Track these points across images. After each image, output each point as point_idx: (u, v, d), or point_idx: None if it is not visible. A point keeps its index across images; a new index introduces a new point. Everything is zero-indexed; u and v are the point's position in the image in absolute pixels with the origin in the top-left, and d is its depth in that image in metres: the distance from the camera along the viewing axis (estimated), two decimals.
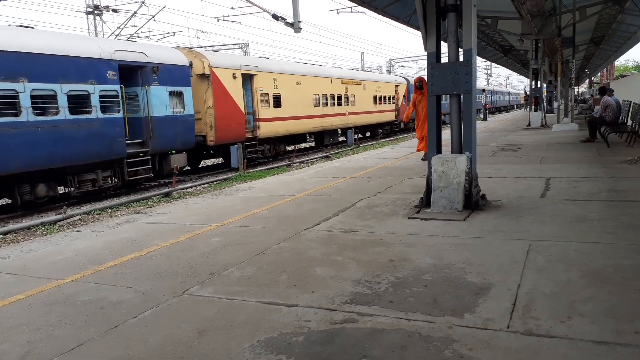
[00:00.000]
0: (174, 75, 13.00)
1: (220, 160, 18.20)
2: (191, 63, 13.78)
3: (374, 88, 26.38)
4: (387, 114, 28.13)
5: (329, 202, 6.27)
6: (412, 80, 25.78)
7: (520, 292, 2.99)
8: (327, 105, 21.40)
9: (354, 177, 8.46)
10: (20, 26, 11.09)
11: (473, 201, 5.25)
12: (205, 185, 12.80)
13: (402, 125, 30.92)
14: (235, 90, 15.44)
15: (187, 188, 12.29)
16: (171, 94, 12.89)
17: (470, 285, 3.15)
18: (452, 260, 3.65)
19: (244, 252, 4.24)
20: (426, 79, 5.66)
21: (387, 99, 27.97)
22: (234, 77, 15.36)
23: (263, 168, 15.70)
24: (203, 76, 14.32)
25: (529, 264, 3.46)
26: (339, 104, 22.41)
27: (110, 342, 2.69)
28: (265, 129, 17.13)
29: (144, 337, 2.72)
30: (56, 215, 9.30)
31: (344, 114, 22.75)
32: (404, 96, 30.20)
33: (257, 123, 16.67)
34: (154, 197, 11.02)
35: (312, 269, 3.67)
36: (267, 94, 17.37)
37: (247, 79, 16.30)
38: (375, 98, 26.26)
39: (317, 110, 20.62)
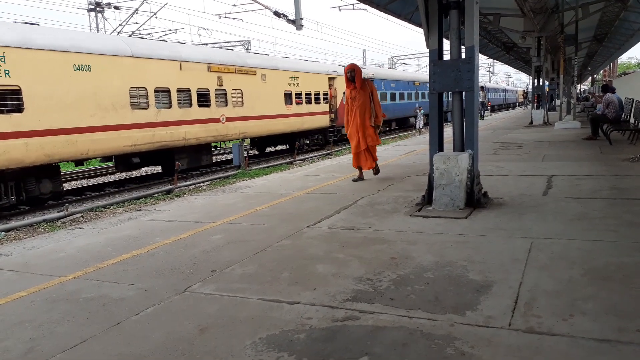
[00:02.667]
0: None
1: None
2: None
3: (285, 80, 18.42)
4: (315, 118, 20.35)
5: (330, 200, 6.27)
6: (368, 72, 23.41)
7: (522, 289, 2.99)
8: (168, 106, 13.16)
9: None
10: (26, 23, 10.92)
11: (475, 199, 5.24)
12: (207, 182, 12.81)
13: (343, 131, 28.43)
14: None
15: (188, 185, 12.30)
16: None
17: (472, 282, 3.15)
18: (454, 258, 3.65)
19: (245, 250, 4.24)
20: (428, 76, 5.65)
21: (313, 97, 20.26)
22: None
23: (265, 166, 15.71)
24: None
25: (530, 262, 3.46)
26: (204, 104, 14.42)
27: (112, 339, 2.70)
28: None
29: (146, 334, 2.73)
30: (58, 212, 9.33)
31: (216, 120, 14.85)
32: (344, 92, 26.32)
33: None
34: (156, 195, 11.04)
35: (314, 267, 3.67)
36: None
37: None
38: (288, 95, 18.59)
39: (140, 117, 12.27)
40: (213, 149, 16.74)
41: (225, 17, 24.80)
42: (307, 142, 20.84)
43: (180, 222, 5.66)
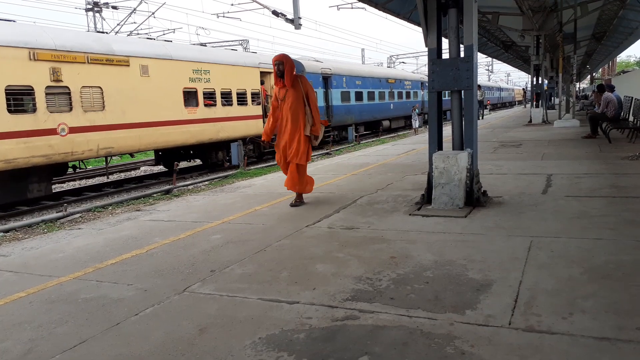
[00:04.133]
0: None
1: None
2: None
3: (186, 74, 13.80)
4: (239, 125, 15.84)
5: (329, 199, 6.26)
6: (303, 65, 19.37)
7: (522, 288, 2.99)
8: None
9: (355, 174, 8.45)
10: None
11: (474, 198, 5.24)
12: (206, 182, 12.80)
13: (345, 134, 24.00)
14: None
15: (187, 185, 12.29)
16: None
17: (471, 281, 3.15)
18: (454, 257, 3.65)
19: (245, 249, 4.24)
20: (427, 75, 5.64)
21: (235, 96, 15.75)
22: None
23: (264, 165, 15.70)
24: None
25: (530, 261, 3.46)
26: (21, 109, 10.01)
27: (111, 340, 2.69)
28: None
29: (145, 335, 2.72)
30: (57, 213, 9.32)
31: (47, 132, 10.32)
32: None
33: None
34: (155, 195, 11.02)
35: (313, 266, 3.67)
36: None
37: None
38: (192, 95, 14.10)
39: None
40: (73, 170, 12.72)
41: (224, 16, 24.76)
42: (228, 156, 15.68)
43: (179, 222, 5.66)
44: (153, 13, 23.63)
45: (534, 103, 19.65)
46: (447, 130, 6.35)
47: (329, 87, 21.67)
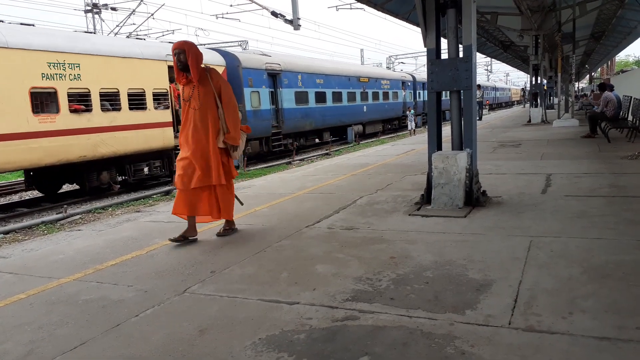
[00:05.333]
0: None
1: None
2: None
3: (36, 69, 10.20)
4: (133, 137, 12.20)
5: (329, 200, 6.26)
6: (238, 59, 16.61)
7: (522, 288, 2.99)
8: None
9: (354, 175, 8.45)
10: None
11: (474, 198, 5.25)
12: None
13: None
14: None
15: None
16: None
17: (471, 281, 3.15)
18: (453, 257, 3.65)
19: (244, 250, 4.24)
20: (426, 75, 5.64)
21: (126, 98, 12.13)
22: None
23: (263, 166, 15.71)
24: None
25: (530, 260, 3.46)
26: None
27: (112, 341, 2.69)
28: None
29: (146, 336, 2.73)
30: (57, 214, 9.31)
31: None
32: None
33: None
34: (155, 196, 11.02)
35: (313, 267, 3.67)
36: None
37: None
38: (47, 97, 10.54)
39: None
40: None
41: (223, 17, 24.78)
42: (122, 176, 12.77)
43: (179, 223, 5.64)
44: (152, 14, 23.64)
45: (533, 103, 19.66)
46: (446, 130, 6.35)
47: (278, 86, 18.61)
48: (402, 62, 51.43)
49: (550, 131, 14.37)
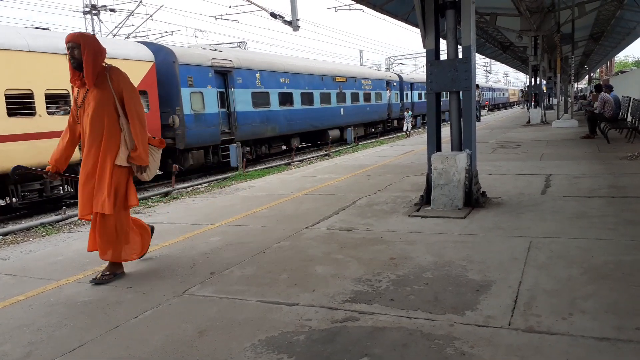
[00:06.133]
0: None
1: None
2: None
3: None
4: (13, 149, 9.62)
5: (328, 201, 6.26)
6: (173, 54, 13.87)
7: (522, 289, 2.99)
8: None
9: (354, 175, 8.45)
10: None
11: (473, 198, 5.25)
12: (205, 184, 12.80)
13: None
14: None
15: (186, 187, 12.29)
16: None
17: (471, 282, 3.15)
18: (453, 258, 3.65)
19: (244, 251, 4.23)
20: (426, 76, 5.64)
21: (3, 102, 9.53)
22: None
23: (263, 167, 15.70)
24: None
25: (529, 261, 3.46)
26: None
27: (111, 343, 2.69)
28: None
29: (145, 337, 2.72)
30: (55, 215, 9.30)
31: None
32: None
33: None
34: (153, 197, 11.01)
35: (313, 268, 3.66)
36: None
37: None
38: None
39: None
40: None
41: (222, 18, 24.79)
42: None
43: (178, 224, 5.65)
44: (151, 15, 23.67)
45: (532, 103, 19.69)
46: (445, 131, 6.35)
47: (229, 85, 15.77)
48: (401, 63, 51.53)
49: (550, 132, 14.38)
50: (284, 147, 19.48)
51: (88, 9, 25.98)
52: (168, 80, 13.75)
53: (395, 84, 29.52)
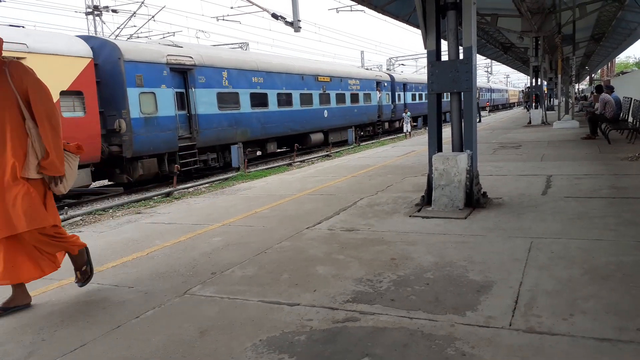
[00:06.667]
0: None
1: None
2: None
3: None
4: None
5: (330, 201, 6.27)
6: (118, 49, 12.38)
7: (522, 289, 2.99)
8: None
9: (355, 176, 8.46)
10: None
11: (474, 199, 5.25)
12: (206, 184, 12.81)
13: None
14: None
15: (188, 188, 12.30)
16: None
17: (472, 283, 3.15)
18: (454, 258, 3.65)
19: (245, 252, 4.24)
20: (427, 77, 5.64)
21: None
22: None
23: (264, 167, 15.71)
24: None
25: (530, 262, 3.46)
26: None
27: (112, 343, 2.70)
28: None
29: (147, 337, 2.73)
30: None
31: None
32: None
33: None
34: (155, 197, 11.03)
35: (314, 268, 3.67)
36: None
37: None
38: None
39: None
40: None
41: (224, 19, 24.81)
42: None
43: (180, 224, 5.66)
44: (153, 16, 23.70)
45: (534, 104, 19.68)
46: (446, 131, 6.35)
47: (190, 85, 14.26)
48: (402, 64, 51.49)
49: (551, 132, 14.37)
50: (259, 153, 17.95)
51: (90, 10, 26.03)
52: (113, 80, 12.33)
53: (386, 84, 28.10)
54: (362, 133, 25.19)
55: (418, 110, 31.69)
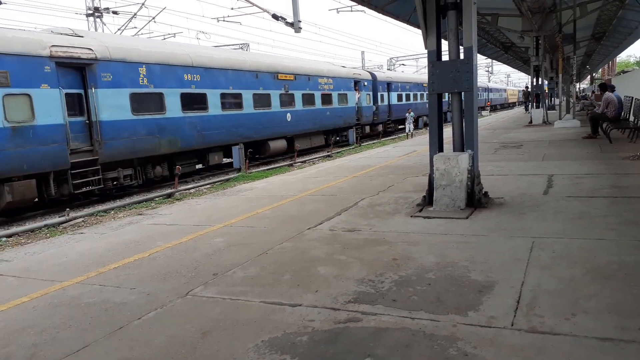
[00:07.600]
0: None
1: None
2: None
3: None
4: None
5: (331, 202, 6.27)
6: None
7: (524, 289, 2.99)
8: None
9: (356, 176, 8.46)
10: None
11: (476, 199, 5.24)
12: (208, 185, 12.82)
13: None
14: None
15: (189, 189, 12.31)
16: None
17: (473, 283, 3.15)
18: (456, 259, 3.65)
19: (247, 253, 4.24)
20: (427, 77, 5.64)
21: None
22: None
23: (265, 168, 15.71)
24: None
25: (532, 261, 3.46)
26: None
27: (114, 344, 2.70)
28: None
29: (149, 338, 2.73)
30: (59, 217, 9.33)
31: None
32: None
33: None
34: (157, 199, 11.03)
35: (315, 269, 3.67)
36: None
37: None
38: None
39: None
40: None
41: (224, 20, 24.84)
42: None
43: (182, 225, 5.66)
44: (153, 18, 23.73)
45: (534, 104, 19.66)
46: (447, 131, 6.35)
47: (90, 85, 11.06)
48: (402, 64, 51.50)
49: (552, 132, 14.35)
50: (200, 166, 14.97)
51: (91, 12, 26.06)
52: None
53: (366, 83, 24.76)
54: (337, 138, 22.31)
55: (404, 112, 26.74)
